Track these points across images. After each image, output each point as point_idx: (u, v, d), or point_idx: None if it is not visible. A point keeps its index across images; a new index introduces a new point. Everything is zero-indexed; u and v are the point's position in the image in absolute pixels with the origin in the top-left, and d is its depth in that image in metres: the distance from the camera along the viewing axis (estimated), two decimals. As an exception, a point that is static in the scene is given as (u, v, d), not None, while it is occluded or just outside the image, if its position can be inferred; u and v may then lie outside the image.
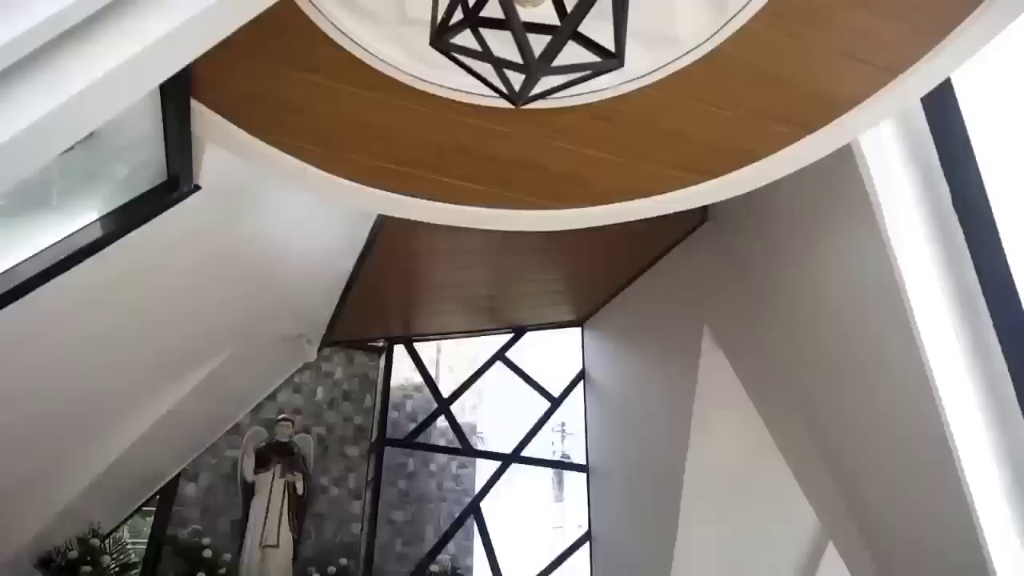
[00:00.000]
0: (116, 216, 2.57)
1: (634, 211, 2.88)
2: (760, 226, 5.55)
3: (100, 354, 3.54)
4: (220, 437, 6.99)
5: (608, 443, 7.94)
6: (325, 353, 7.88)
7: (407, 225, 5.67)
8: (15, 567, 4.68)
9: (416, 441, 7.72)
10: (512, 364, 8.47)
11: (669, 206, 2.85)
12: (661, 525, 6.47)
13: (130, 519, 6.48)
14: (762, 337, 5.88)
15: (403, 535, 7.75)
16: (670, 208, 2.87)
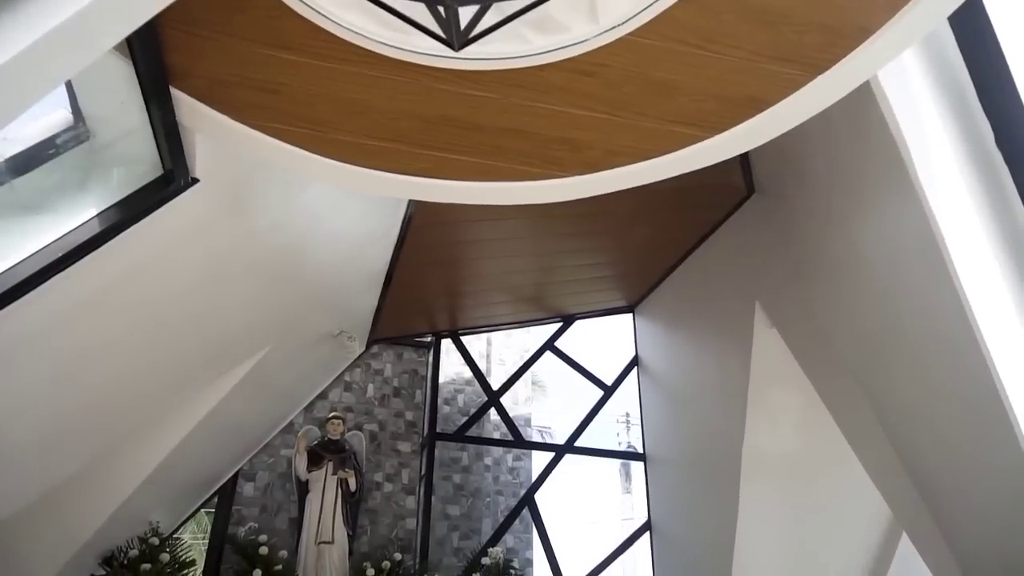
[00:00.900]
0: (111, 213, 2.58)
1: (639, 175, 2.71)
2: (804, 193, 5.25)
3: (132, 351, 3.62)
4: (275, 436, 7.13)
5: (664, 430, 7.70)
6: (374, 350, 7.94)
7: (438, 216, 5.73)
8: (78, 564, 4.86)
9: (467, 435, 7.67)
10: (562, 353, 8.32)
11: (675, 167, 2.67)
12: (721, 512, 6.21)
13: (192, 518, 6.69)
14: (815, 310, 5.56)
15: (459, 529, 7.73)
16: (676, 169, 2.69)
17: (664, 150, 2.60)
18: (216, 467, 6.37)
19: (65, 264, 2.51)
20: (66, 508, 4.45)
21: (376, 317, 6.91)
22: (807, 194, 5.15)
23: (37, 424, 3.39)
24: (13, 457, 3.47)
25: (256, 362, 4.97)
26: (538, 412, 19.04)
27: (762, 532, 6.02)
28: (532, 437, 9.12)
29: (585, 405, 8.21)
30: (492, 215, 6.03)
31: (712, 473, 6.61)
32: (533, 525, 7.65)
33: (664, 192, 6.26)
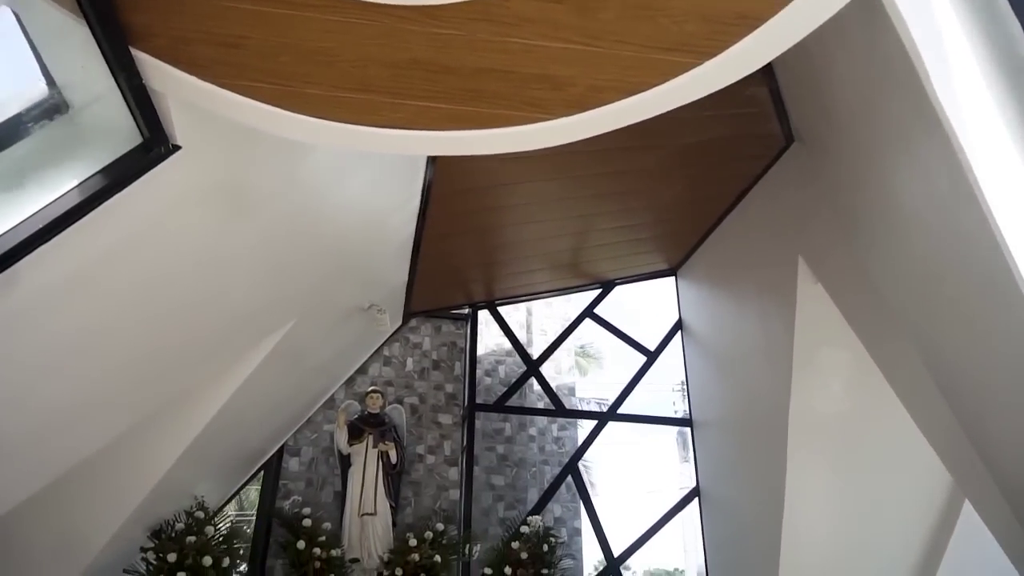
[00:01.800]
0: (89, 184, 2.56)
1: (630, 111, 2.52)
2: (840, 140, 4.92)
3: (147, 323, 3.65)
4: (317, 412, 7.24)
5: (710, 394, 7.46)
6: (412, 324, 7.94)
7: (459, 184, 5.63)
8: (128, 536, 5.01)
9: (507, 405, 7.60)
10: (602, 320, 8.14)
11: (667, 100, 2.47)
12: (769, 477, 5.98)
13: (239, 494, 6.87)
14: (860, 262, 5.23)
15: (504, 499, 7.70)
16: (668, 102, 2.48)
17: (652, 82, 2.40)
18: (258, 443, 6.50)
19: (46, 237, 2.51)
20: (108, 480, 4.58)
21: (408, 290, 6.89)
22: (843, 140, 4.82)
23: (60, 396, 3.46)
24: (49, 426, 3.56)
25: (282, 336, 4.99)
26: (595, 383, 18.85)
27: (812, 496, 5.77)
28: (579, 406, 8.99)
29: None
30: (515, 179, 5.89)
31: (759, 437, 6.36)
32: (584, 494, 7.54)
33: (696, 147, 6.06)
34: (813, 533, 5.71)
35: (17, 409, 3.29)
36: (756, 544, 6.20)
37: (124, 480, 4.75)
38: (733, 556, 6.68)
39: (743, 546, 6.49)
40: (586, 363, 20.19)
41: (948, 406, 4.30)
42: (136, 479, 4.83)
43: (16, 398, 3.22)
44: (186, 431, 4.89)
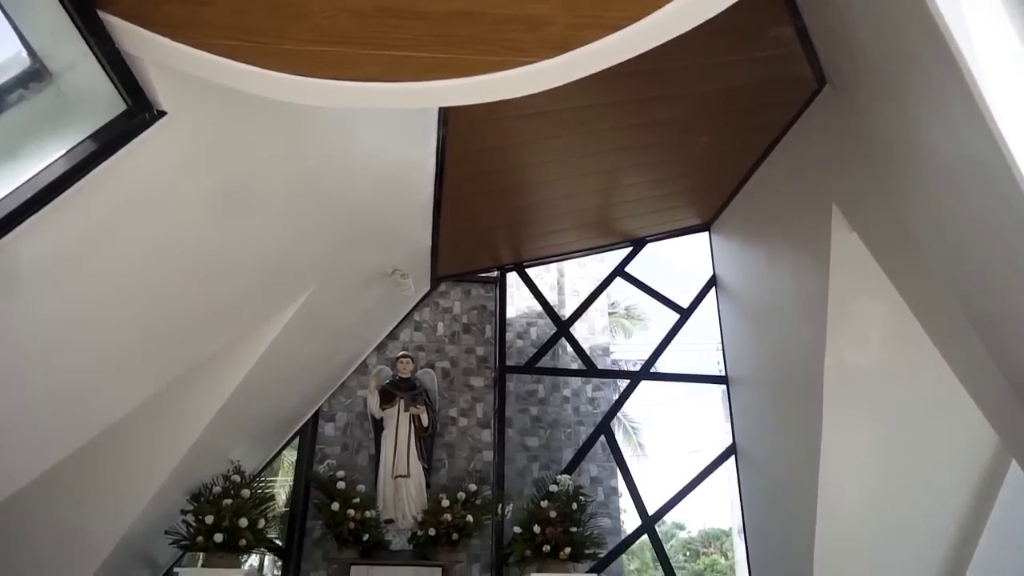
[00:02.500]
0: (71, 156, 2.58)
1: (615, 50, 2.39)
2: (870, 82, 4.64)
3: (163, 287, 3.72)
4: (350, 377, 7.34)
5: (746, 351, 7.29)
6: (442, 289, 7.95)
7: (475, 143, 5.54)
8: (168, 498, 5.19)
9: (537, 366, 7.56)
10: (634, 279, 8.00)
11: (654, 34, 2.32)
12: (804, 433, 5.83)
13: (277, 458, 7.05)
14: (896, 208, 4.99)
15: (539, 460, 7.72)
16: (656, 37, 2.34)
17: (633, 16, 2.27)
18: (291, 409, 6.63)
19: (37, 206, 2.54)
20: (143, 445, 4.74)
21: (434, 254, 6.87)
22: (872, 83, 4.54)
23: (78, 362, 3.57)
24: (70, 393, 3.68)
25: (302, 303, 5.03)
26: (640, 344, 18.67)
27: (849, 453, 5.60)
28: (620, 367, 8.93)
29: (686, 333, 7.89)
30: (532, 137, 5.77)
31: (794, 392, 6.20)
32: (617, 454, 7.49)
33: (722, 95, 5.82)
34: (850, 491, 5.55)
35: (39, 375, 3.40)
36: (792, 502, 6.08)
37: (158, 444, 4.91)
38: (770, 515, 6.57)
39: (779, 504, 6.37)
40: (631, 325, 20.04)
41: (991, 357, 4.08)
42: (170, 443, 4.97)
43: (36, 365, 3.33)
44: (215, 396, 5.01)
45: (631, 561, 21.93)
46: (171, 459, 5.00)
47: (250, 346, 4.96)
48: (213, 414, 5.00)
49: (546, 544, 5.43)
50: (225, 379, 4.99)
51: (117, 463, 4.64)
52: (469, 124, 5.10)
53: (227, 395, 5.00)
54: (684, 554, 21.53)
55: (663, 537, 24.31)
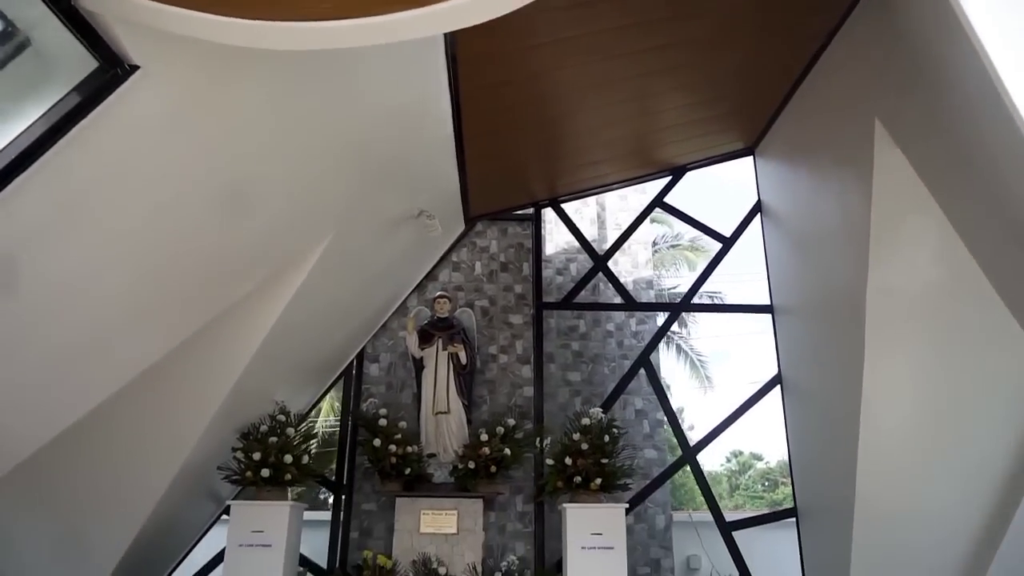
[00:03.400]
0: (50, 115, 2.67)
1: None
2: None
3: (178, 238, 3.87)
4: (391, 319, 7.52)
5: (791, 279, 7.03)
6: (478, 228, 7.96)
7: (484, 75, 5.39)
8: (218, 437, 5.52)
9: (574, 302, 7.52)
10: (673, 209, 7.77)
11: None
12: (847, 361, 5.62)
13: (324, 399, 7.35)
14: (940, 122, 4.64)
15: (582, 394, 7.78)
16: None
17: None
18: (333, 351, 6.87)
19: (26, 164, 2.66)
20: (185, 385, 5.03)
21: (464, 194, 6.84)
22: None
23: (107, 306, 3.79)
24: (101, 338, 3.94)
25: (325, 246, 5.13)
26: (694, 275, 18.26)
27: (892, 380, 5.38)
28: (659, 299, 8.79)
29: (745, 264, 7.69)
30: (546, 67, 5.60)
31: (837, 319, 5.96)
32: (657, 386, 7.44)
33: (751, 7, 5.43)
34: (893, 418, 5.36)
35: (70, 323, 3.64)
36: (835, 433, 5.92)
37: (202, 383, 5.19)
38: (814, 445, 6.43)
39: (822, 434, 6.22)
40: (694, 257, 19.58)
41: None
42: (213, 383, 5.24)
43: (64, 314, 3.55)
44: (250, 339, 5.22)
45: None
46: (216, 397, 5.27)
47: (277, 292, 5.12)
48: (250, 356, 5.21)
49: (577, 475, 5.51)
50: (257, 323, 5.18)
51: (164, 402, 4.96)
52: (479, 59, 4.97)
53: (261, 338, 5.20)
54: (763, 484, 21.49)
55: (740, 468, 24.18)
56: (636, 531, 7.56)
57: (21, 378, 3.64)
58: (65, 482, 5.02)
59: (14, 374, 3.58)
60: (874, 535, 5.42)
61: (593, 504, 5.47)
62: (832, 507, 5.95)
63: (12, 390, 3.63)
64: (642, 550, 7.49)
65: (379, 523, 6.82)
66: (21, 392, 3.72)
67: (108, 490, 5.13)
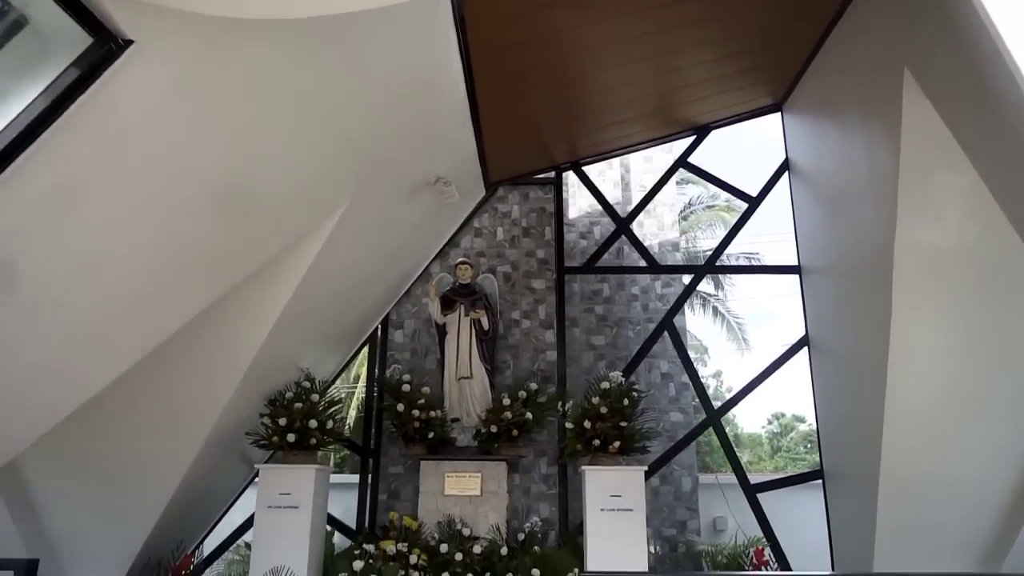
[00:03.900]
0: (49, 92, 2.72)
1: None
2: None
3: (187, 210, 3.95)
4: (415, 285, 7.58)
5: (818, 238, 6.86)
6: (500, 193, 7.92)
7: (495, 37, 5.31)
8: (242, 403, 5.66)
9: (597, 266, 7.46)
10: (698, 169, 7.61)
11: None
12: (874, 321, 5.50)
13: (349, 367, 7.49)
14: (971, 72, 4.40)
15: (606, 358, 7.78)
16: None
17: None
18: (358, 318, 6.96)
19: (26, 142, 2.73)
20: (207, 355, 5.18)
21: (482, 159, 6.79)
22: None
23: (126, 279, 3.91)
24: (119, 310, 4.07)
25: (341, 215, 5.16)
26: (742, 238, 17.91)
27: (920, 339, 5.24)
28: (692, 261, 8.67)
29: (776, 225, 7.52)
30: (559, 27, 5.47)
31: (865, 278, 5.81)
32: (681, 349, 7.38)
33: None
34: (921, 381, 5.23)
35: (93, 291, 3.77)
36: (861, 395, 5.82)
37: (226, 352, 5.32)
38: (841, 407, 6.33)
39: (850, 397, 6.11)
40: (730, 217, 19.20)
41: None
42: (237, 351, 5.35)
43: (85, 285, 3.67)
44: (272, 307, 5.28)
45: (743, 454, 22.01)
46: (240, 364, 5.37)
47: (295, 261, 5.19)
48: (272, 323, 5.30)
49: (596, 439, 5.53)
50: (277, 292, 5.26)
51: (191, 370, 5.13)
52: (489, 20, 4.90)
53: (282, 306, 5.27)
54: (805, 446, 21.32)
55: (782, 430, 23.85)
56: (662, 493, 7.60)
57: (47, 348, 3.79)
58: (97, 449, 5.25)
59: (40, 344, 3.72)
60: (899, 500, 5.35)
61: (612, 467, 5.49)
62: (858, 470, 5.88)
63: (39, 358, 3.78)
64: (668, 512, 7.54)
65: (406, 485, 6.98)
66: (48, 360, 3.87)
67: (141, 455, 5.34)
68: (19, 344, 3.60)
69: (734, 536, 6.49)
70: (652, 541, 7.35)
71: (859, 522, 5.77)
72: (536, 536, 6.21)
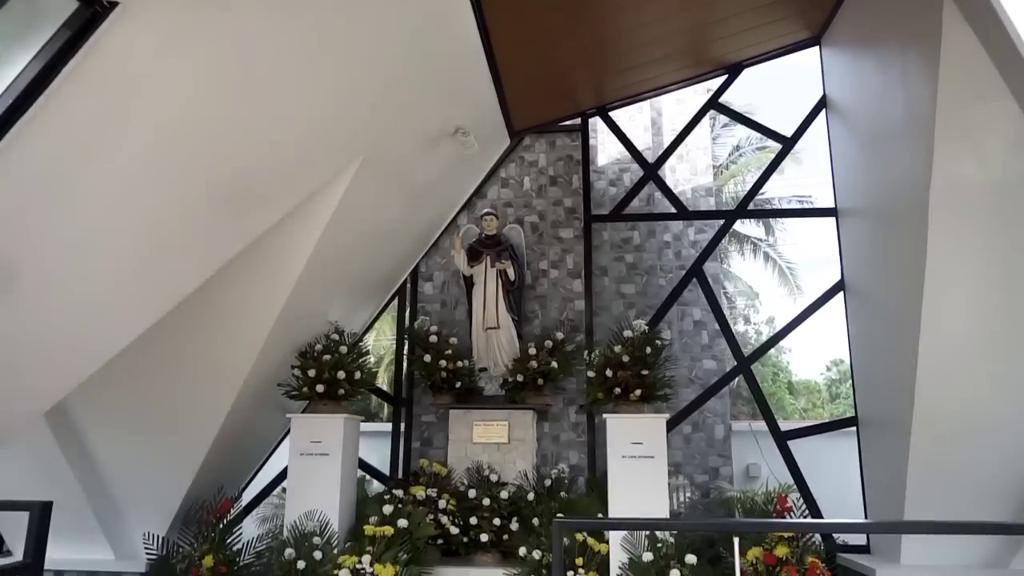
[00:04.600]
0: (42, 55, 2.78)
1: None
2: None
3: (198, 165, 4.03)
4: (443, 238, 7.62)
5: (855, 179, 6.57)
6: (526, 142, 7.83)
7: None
8: (272, 356, 5.85)
9: (624, 213, 7.32)
10: (729, 110, 7.32)
11: None
12: (909, 263, 5.27)
13: (380, 319, 7.60)
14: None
15: (636, 306, 7.70)
16: None
17: None
18: (385, 271, 7.05)
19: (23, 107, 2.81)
20: (235, 308, 5.35)
21: (503, 106, 6.69)
22: None
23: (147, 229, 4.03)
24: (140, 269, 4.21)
25: (359, 166, 5.17)
26: (792, 179, 17.28)
27: (956, 282, 4.99)
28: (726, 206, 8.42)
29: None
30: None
31: (900, 218, 5.54)
32: (710, 296, 7.22)
33: None
34: (956, 325, 5.00)
35: (113, 250, 3.90)
36: (896, 339, 5.61)
37: (254, 307, 5.47)
38: (875, 352, 6.13)
39: (884, 341, 5.91)
40: (789, 162, 18.52)
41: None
42: (264, 305, 5.49)
43: (101, 242, 3.81)
44: (295, 260, 5.38)
45: (798, 401, 21.68)
46: (269, 317, 5.50)
47: (313, 216, 5.26)
48: (296, 278, 5.39)
49: (617, 387, 5.53)
50: (300, 246, 5.35)
51: (221, 322, 5.34)
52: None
53: (305, 259, 5.36)
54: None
55: (841, 376, 23.33)
56: (694, 440, 7.58)
57: (75, 300, 3.94)
58: (141, 399, 5.55)
59: (69, 296, 3.87)
60: (932, 447, 5.19)
61: (633, 415, 5.49)
62: (891, 416, 5.72)
63: (71, 310, 3.94)
64: (700, 459, 7.52)
65: (438, 433, 7.15)
66: (80, 311, 4.02)
67: (182, 405, 5.60)
68: (50, 296, 3.75)
69: (765, 483, 6.45)
70: (684, 488, 7.38)
71: (891, 469, 5.65)
72: (563, 482, 6.31)
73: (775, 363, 22.27)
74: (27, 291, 3.53)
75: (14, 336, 3.65)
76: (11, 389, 3.91)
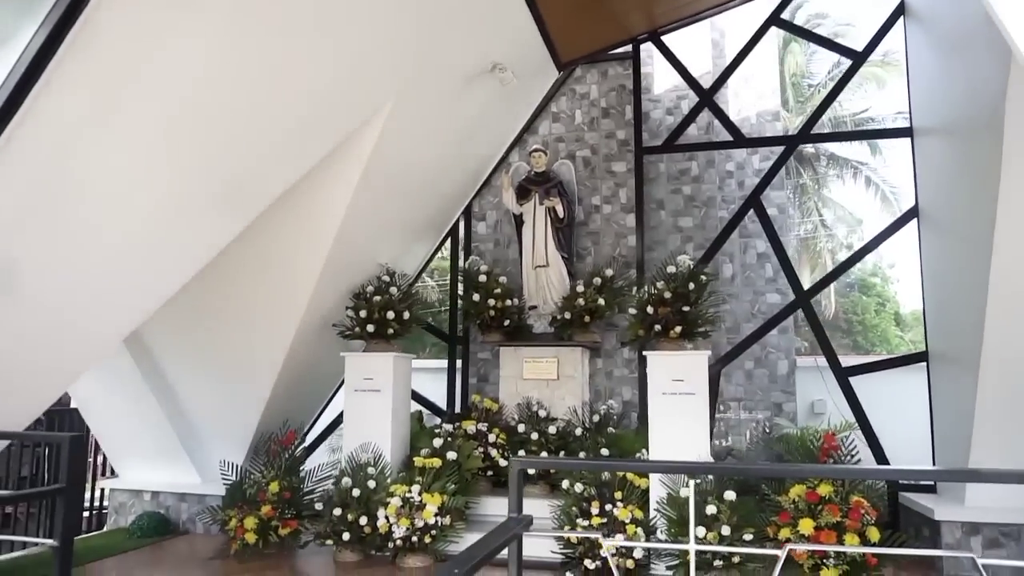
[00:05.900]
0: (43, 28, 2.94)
1: None
2: None
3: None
4: (496, 176, 7.58)
5: (932, 95, 6.00)
6: (577, 74, 7.60)
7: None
8: (326, 298, 6.09)
9: (677, 144, 7.00)
10: (792, 25, 6.77)
11: None
12: (983, 186, 4.82)
13: (433, 259, 7.72)
14: None
15: (694, 240, 7.46)
16: None
17: None
18: (436, 211, 7.09)
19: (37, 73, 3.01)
20: (284, 249, 5.60)
21: (545, 37, 6.47)
22: None
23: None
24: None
25: (391, 107, 5.20)
26: (887, 100, 15.87)
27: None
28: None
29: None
30: None
31: (975, 137, 5.03)
32: (768, 226, 6.87)
33: None
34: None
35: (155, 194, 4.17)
36: (967, 267, 5.18)
37: (301, 251, 5.70)
38: (947, 282, 5.69)
39: (956, 270, 5.46)
40: (884, 73, 17.04)
41: None
42: (311, 250, 5.69)
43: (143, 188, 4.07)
44: (336, 204, 5.52)
45: (906, 333, 20.45)
46: (317, 260, 5.69)
47: (350, 159, 5.34)
48: (339, 220, 5.54)
49: (656, 324, 5.42)
50: (340, 189, 5.46)
51: (274, 262, 5.61)
52: None
53: (345, 204, 5.50)
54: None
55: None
56: (756, 376, 7.38)
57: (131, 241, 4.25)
58: (209, 338, 5.97)
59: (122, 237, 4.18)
60: (1001, 384, 4.83)
61: (674, 351, 5.38)
62: (960, 352, 5.35)
63: (128, 249, 4.26)
64: (762, 395, 7.33)
65: (494, 370, 7.30)
66: (138, 250, 4.33)
67: (245, 343, 5.99)
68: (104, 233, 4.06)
69: (827, 419, 6.22)
70: (743, 424, 7.25)
71: (959, 407, 5.31)
72: (611, 418, 6.33)
73: (880, 292, 21.01)
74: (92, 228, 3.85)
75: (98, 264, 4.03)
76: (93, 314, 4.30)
